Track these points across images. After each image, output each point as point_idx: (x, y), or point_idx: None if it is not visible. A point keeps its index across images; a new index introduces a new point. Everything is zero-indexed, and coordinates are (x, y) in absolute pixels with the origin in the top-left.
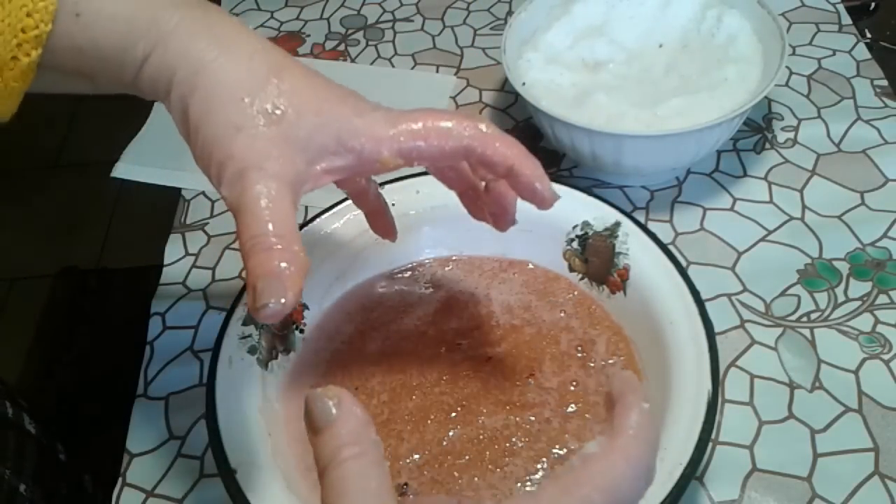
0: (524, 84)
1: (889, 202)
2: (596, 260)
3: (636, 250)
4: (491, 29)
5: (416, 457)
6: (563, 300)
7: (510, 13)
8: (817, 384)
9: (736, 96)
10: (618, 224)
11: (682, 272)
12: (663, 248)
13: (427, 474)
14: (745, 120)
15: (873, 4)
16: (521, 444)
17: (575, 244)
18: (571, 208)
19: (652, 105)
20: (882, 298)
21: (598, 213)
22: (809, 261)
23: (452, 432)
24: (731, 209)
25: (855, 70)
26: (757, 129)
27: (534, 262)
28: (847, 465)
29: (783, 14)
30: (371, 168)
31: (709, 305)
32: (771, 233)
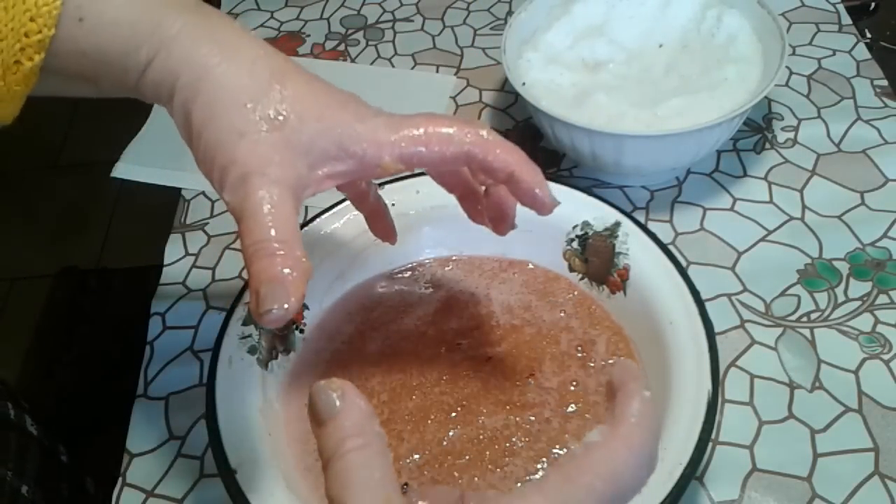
0: (524, 84)
1: (889, 202)
2: (596, 260)
3: (636, 250)
4: (491, 29)
5: (416, 457)
6: (563, 300)
7: (510, 13)
8: (817, 384)
9: (736, 96)
10: (618, 224)
11: (682, 272)
12: (663, 248)
13: (427, 474)
14: (745, 120)
15: (873, 4)
16: (521, 444)
17: (575, 244)
18: (571, 208)
19: (652, 105)
20: (882, 298)
21: (598, 213)
22: (809, 261)
23: (452, 432)
24: (731, 209)
25: (855, 70)
26: (757, 129)
27: (534, 262)
28: (847, 465)
29: (783, 14)
30: (372, 173)
31: (709, 305)
32: (771, 233)
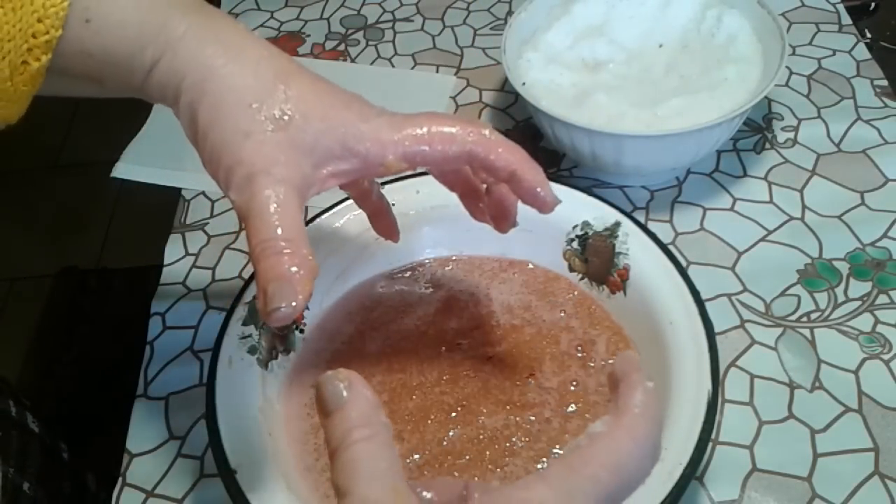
0: (524, 84)
1: (889, 202)
2: (596, 260)
3: (636, 250)
4: (491, 29)
5: (417, 457)
6: (563, 300)
7: (510, 13)
8: (817, 384)
9: (736, 96)
10: (618, 224)
11: (682, 272)
12: (663, 248)
13: (427, 474)
14: (745, 120)
15: (873, 4)
16: (521, 444)
17: (575, 244)
18: (571, 208)
19: (652, 105)
20: (882, 298)
21: (598, 213)
22: (809, 261)
23: (452, 432)
24: (731, 209)
25: (855, 70)
26: (757, 129)
27: (534, 262)
28: (847, 465)
29: (783, 14)
30: (375, 171)
31: (709, 305)
32: (771, 233)
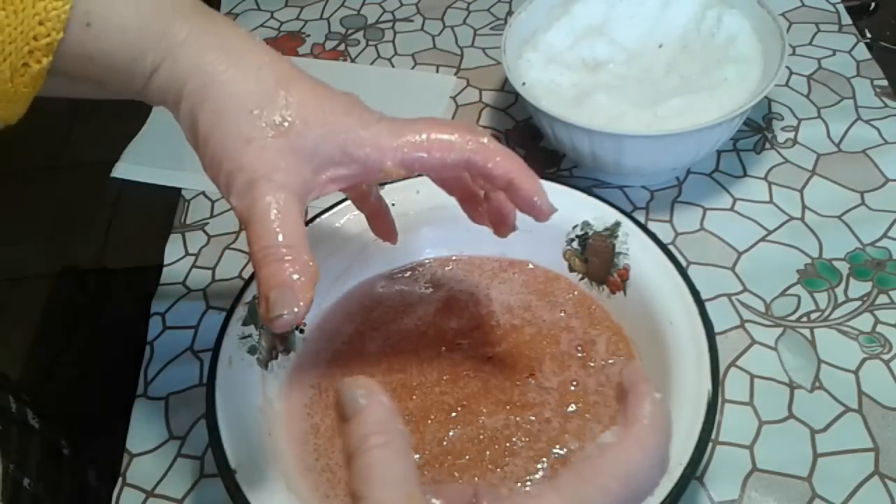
0: (524, 84)
1: (889, 202)
2: (596, 260)
3: (636, 250)
4: (491, 29)
5: (417, 457)
6: (563, 300)
7: (510, 13)
8: (817, 384)
9: (736, 96)
10: (618, 224)
11: (682, 272)
12: (663, 248)
13: (427, 474)
14: (745, 120)
15: (873, 4)
16: (521, 444)
17: (575, 244)
18: (571, 208)
19: (652, 105)
20: (882, 298)
21: (598, 213)
22: (809, 261)
23: (452, 432)
24: (731, 209)
25: (855, 70)
26: (757, 129)
27: (534, 262)
28: (847, 465)
29: (783, 14)
30: (374, 177)
31: (709, 305)
32: (771, 233)
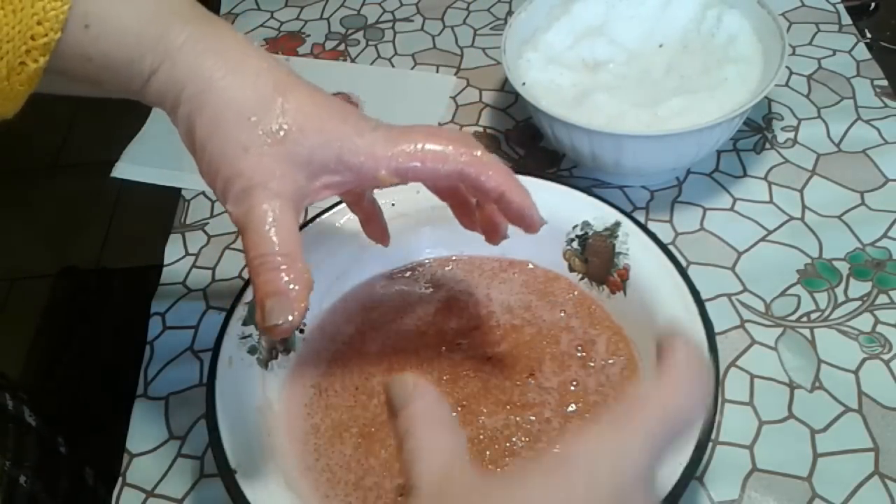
0: (524, 84)
1: (889, 202)
2: (596, 260)
3: (636, 250)
4: (491, 29)
5: None
6: (563, 300)
7: (510, 13)
8: (817, 384)
9: (736, 96)
10: (618, 224)
11: (682, 272)
12: (663, 248)
13: None
14: (745, 120)
15: (873, 4)
16: (521, 444)
17: (575, 244)
18: (571, 208)
19: (652, 105)
20: (882, 298)
21: (598, 213)
22: (809, 261)
23: None
24: (731, 209)
25: (855, 70)
26: (757, 129)
27: (534, 262)
28: (847, 465)
29: (783, 14)
30: (369, 184)
31: (709, 305)
32: (771, 233)
